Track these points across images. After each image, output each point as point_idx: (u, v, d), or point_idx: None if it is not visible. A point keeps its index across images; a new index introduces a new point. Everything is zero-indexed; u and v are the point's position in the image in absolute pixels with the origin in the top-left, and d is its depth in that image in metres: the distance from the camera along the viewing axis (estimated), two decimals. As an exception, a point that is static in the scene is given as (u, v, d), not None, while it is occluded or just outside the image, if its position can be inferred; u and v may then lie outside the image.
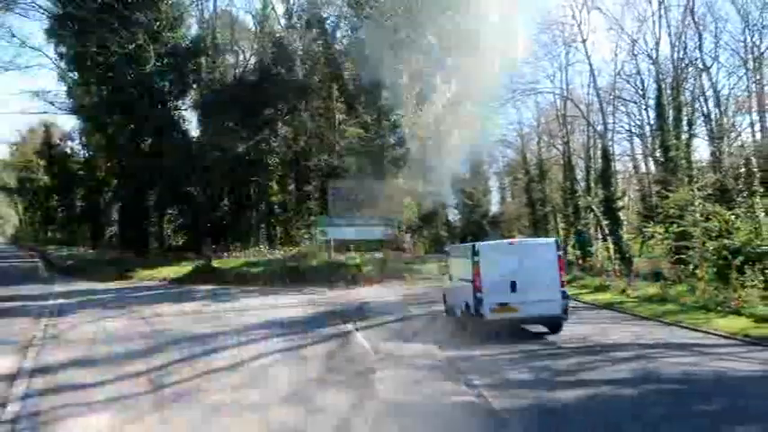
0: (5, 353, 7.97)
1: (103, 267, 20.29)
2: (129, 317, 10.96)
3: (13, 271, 23.17)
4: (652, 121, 22.44)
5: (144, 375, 6.85)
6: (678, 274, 12.89)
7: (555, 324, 8.72)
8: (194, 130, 27.53)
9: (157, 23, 21.39)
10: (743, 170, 18.53)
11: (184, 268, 18.39)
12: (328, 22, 30.69)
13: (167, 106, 24.86)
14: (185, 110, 26.50)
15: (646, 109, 23.85)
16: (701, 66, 20.66)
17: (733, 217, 12.38)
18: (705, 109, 21.34)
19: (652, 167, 23.39)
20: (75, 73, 27.31)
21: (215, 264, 18.15)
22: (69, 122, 59.83)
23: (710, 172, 18.71)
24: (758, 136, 20.34)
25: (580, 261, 19.07)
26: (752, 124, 21.17)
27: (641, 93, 23.89)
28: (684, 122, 20.70)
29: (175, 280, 17.15)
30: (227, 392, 6.17)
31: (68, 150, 51.36)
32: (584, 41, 22.72)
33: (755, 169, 17.95)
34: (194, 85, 25.88)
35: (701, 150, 25.62)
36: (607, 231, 20.40)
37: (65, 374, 6.89)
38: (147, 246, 27.63)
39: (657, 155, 20.96)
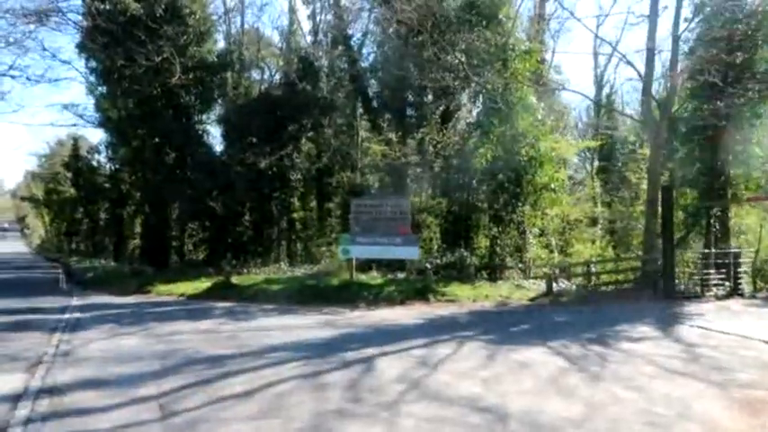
0: (13, 371, 7.66)
1: (123, 281, 20.14)
2: (144, 334, 10.62)
3: (34, 282, 23.19)
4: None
5: (154, 400, 6.44)
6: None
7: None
8: (218, 145, 27.60)
9: (184, 37, 21.47)
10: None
11: (203, 284, 18.10)
12: (354, 39, 30.73)
13: (191, 120, 24.94)
14: (209, 124, 26.61)
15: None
16: None
17: None
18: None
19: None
20: (104, 87, 27.64)
21: (234, 280, 17.82)
22: (97, 136, 60.85)
23: None
24: None
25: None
26: None
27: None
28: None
29: (193, 296, 16.84)
30: (243, 422, 5.73)
31: (95, 163, 52.18)
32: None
33: None
34: (219, 100, 25.94)
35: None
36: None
37: (71, 397, 6.51)
38: (168, 260, 27.62)
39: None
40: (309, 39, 32.21)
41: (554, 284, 18.02)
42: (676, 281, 18.69)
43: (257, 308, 14.46)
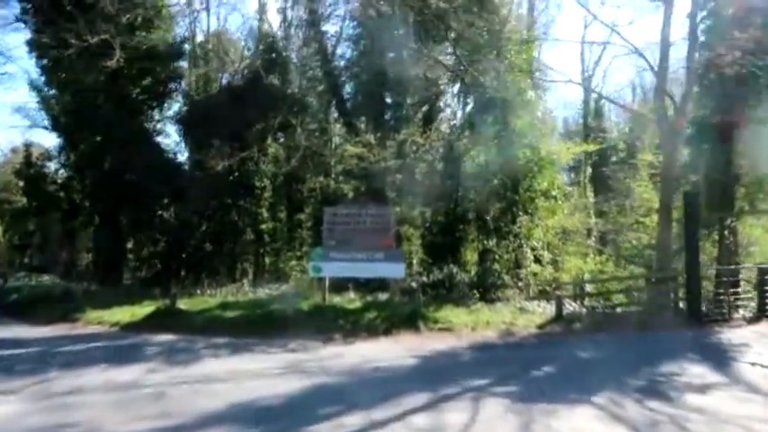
0: None
1: (50, 305, 16.90)
2: (32, 393, 7.56)
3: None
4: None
5: None
6: None
7: None
8: (172, 145, 24.57)
9: (127, 17, 18.41)
10: None
11: (145, 308, 14.93)
12: (327, 35, 28.14)
13: (140, 117, 21.74)
14: (160, 121, 23.44)
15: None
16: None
17: None
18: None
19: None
20: (49, 85, 24.51)
21: (182, 305, 14.71)
22: (51, 140, 57.25)
23: None
24: None
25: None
26: None
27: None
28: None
29: (129, 326, 13.63)
30: None
31: (47, 170, 48.59)
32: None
33: None
34: (174, 95, 22.90)
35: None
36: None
37: None
38: (122, 277, 24.47)
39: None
40: (280, 34, 29.47)
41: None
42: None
43: (205, 343, 11.42)
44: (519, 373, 9.05)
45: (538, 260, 20.92)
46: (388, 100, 25.66)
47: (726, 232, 20.42)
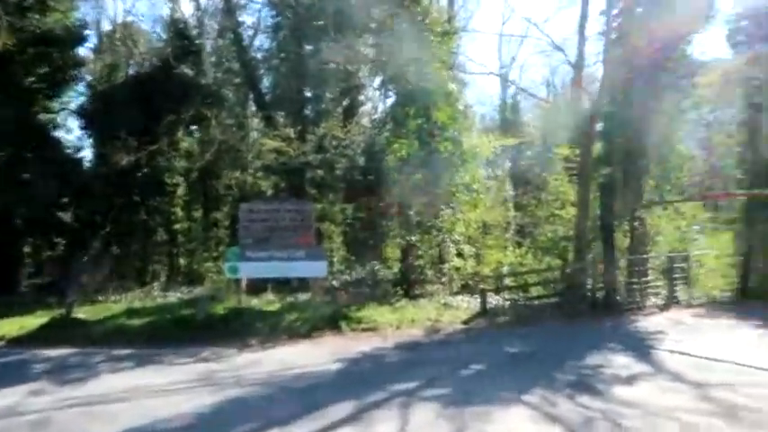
0: None
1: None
2: None
3: None
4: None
5: None
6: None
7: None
8: (74, 140, 22.63)
9: (14, -5, 16.61)
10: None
11: (38, 319, 13.41)
12: (244, 26, 26.97)
13: (34, 108, 19.72)
14: (57, 113, 21.43)
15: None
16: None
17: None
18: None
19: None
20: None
21: (81, 314, 13.31)
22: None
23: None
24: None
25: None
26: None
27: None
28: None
29: (17, 340, 12.10)
30: None
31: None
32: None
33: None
34: (74, 84, 21.02)
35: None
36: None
37: None
38: (18, 284, 22.19)
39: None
40: (193, 23, 27.92)
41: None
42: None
43: (105, 356, 10.28)
44: (448, 374, 8.66)
45: (460, 254, 20.83)
46: (308, 93, 24.93)
47: (636, 223, 21.20)
